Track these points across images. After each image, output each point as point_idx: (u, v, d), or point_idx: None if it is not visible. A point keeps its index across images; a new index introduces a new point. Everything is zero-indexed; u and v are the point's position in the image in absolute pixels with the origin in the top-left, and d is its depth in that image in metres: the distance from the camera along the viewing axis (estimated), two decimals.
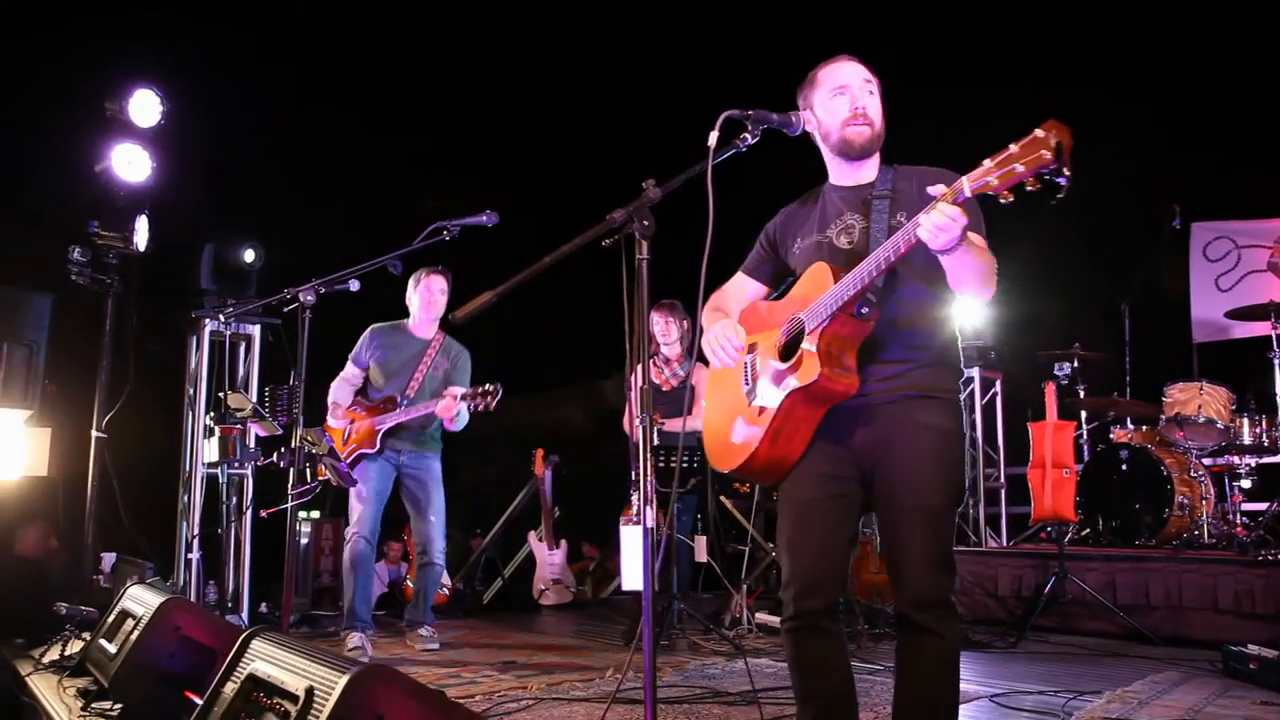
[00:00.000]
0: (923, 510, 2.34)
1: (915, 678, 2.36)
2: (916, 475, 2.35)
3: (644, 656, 1.95)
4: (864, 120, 2.47)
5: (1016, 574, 5.78)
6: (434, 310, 5.23)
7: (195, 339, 6.12)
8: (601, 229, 2.15)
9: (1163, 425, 5.95)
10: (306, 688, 1.97)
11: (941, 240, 2.08)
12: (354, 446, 5.10)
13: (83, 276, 5.22)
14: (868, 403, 2.39)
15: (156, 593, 3.16)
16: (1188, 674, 4.25)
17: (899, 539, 2.37)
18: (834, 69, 2.51)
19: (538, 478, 7.24)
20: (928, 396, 2.41)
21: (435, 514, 5.14)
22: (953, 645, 2.34)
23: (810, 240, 2.57)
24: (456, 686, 3.99)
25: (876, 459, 2.40)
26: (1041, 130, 1.89)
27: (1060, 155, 1.86)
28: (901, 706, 2.38)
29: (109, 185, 5.28)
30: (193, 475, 5.90)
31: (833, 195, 2.59)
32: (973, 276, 2.28)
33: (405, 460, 5.15)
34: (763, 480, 2.57)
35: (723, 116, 2.28)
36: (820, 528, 2.44)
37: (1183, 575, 5.13)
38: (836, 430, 2.42)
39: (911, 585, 2.33)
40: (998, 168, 1.95)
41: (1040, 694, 3.82)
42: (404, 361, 5.22)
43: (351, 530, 5.03)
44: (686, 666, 4.47)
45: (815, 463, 2.45)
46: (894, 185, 2.48)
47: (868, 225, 2.44)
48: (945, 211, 2.05)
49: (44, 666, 3.91)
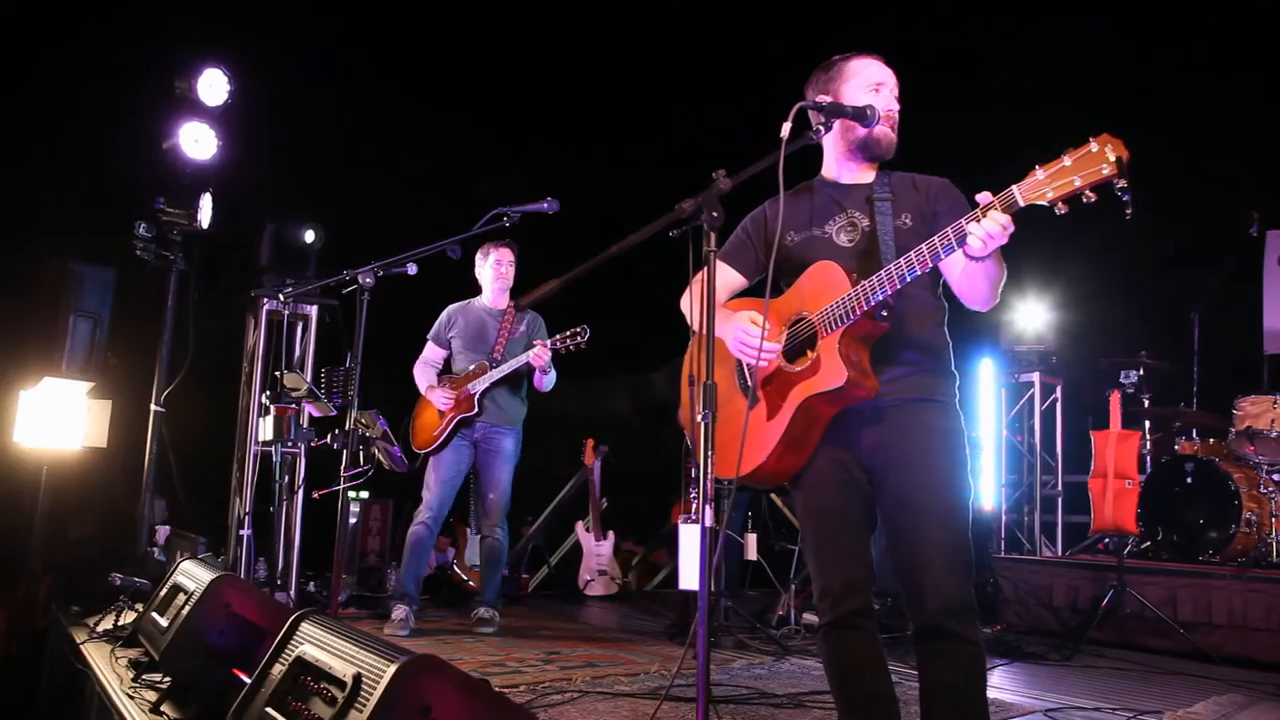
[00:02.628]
0: (945, 513, 2.30)
1: (948, 688, 2.28)
2: (934, 478, 2.32)
3: (698, 657, 1.90)
4: (893, 125, 2.46)
5: (1073, 585, 5.64)
6: (505, 281, 5.41)
7: (254, 318, 6.18)
8: (670, 219, 2.11)
9: (1233, 438, 5.77)
10: (354, 674, 1.95)
11: (990, 248, 2.07)
12: (452, 414, 5.20)
13: (147, 252, 5.30)
14: (875, 405, 2.35)
15: (208, 569, 3.18)
16: (1253, 698, 4.10)
17: (920, 542, 2.30)
18: (868, 63, 2.48)
19: (587, 467, 7.22)
20: (932, 400, 2.39)
21: (494, 490, 5.21)
22: (982, 651, 2.30)
23: (804, 235, 2.52)
24: (500, 676, 3.97)
25: (888, 461, 2.36)
26: (1096, 143, 1.88)
27: (1123, 170, 1.85)
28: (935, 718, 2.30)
29: (175, 163, 5.35)
30: (246, 453, 5.96)
31: (827, 191, 2.55)
32: (988, 285, 2.28)
33: (479, 436, 5.26)
34: (765, 485, 2.54)
35: (796, 107, 2.24)
36: (845, 536, 2.42)
37: (1249, 594, 4.97)
38: (844, 434, 2.39)
39: (938, 590, 2.26)
40: (1051, 180, 1.93)
41: (1096, 710, 3.71)
42: (484, 332, 5.37)
43: (418, 512, 5.19)
44: (732, 665, 4.42)
45: (828, 470, 2.41)
46: (892, 187, 2.47)
47: (873, 225, 2.42)
48: (998, 220, 2.03)
49: (98, 636, 3.98)
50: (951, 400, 2.44)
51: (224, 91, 5.42)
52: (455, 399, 5.21)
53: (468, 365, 5.32)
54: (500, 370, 5.17)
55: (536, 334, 5.37)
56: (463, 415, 5.20)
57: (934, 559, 2.27)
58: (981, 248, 2.06)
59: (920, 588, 2.28)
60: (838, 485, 2.41)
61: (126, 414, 5.67)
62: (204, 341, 5.57)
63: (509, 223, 4.08)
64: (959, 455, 2.38)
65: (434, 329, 5.48)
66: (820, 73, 2.53)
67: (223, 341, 6.18)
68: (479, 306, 5.46)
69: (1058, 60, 7.10)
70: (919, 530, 2.30)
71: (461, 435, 5.24)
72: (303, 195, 6.42)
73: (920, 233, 2.28)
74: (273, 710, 2.15)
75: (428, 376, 5.41)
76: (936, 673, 2.30)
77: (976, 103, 7.06)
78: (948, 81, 6.69)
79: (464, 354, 5.37)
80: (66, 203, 5.91)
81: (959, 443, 2.39)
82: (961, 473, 2.36)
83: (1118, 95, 6.81)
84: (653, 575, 7.87)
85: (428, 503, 5.18)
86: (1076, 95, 6.81)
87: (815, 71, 2.54)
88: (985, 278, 2.25)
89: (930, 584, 2.27)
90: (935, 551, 2.28)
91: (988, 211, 2.04)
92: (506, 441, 5.28)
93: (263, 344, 6.10)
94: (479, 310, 5.45)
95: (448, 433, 5.21)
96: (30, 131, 6.02)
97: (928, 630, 2.29)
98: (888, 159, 2.49)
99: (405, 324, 5.52)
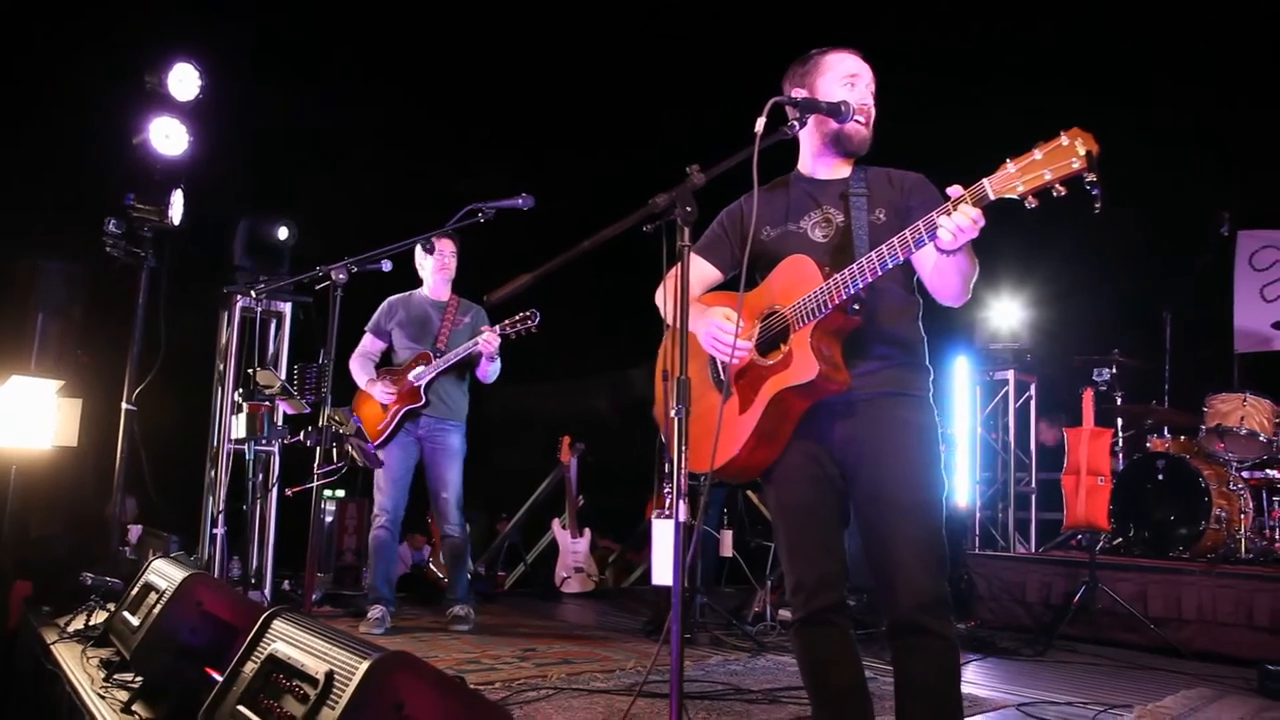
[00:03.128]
0: (916, 507, 2.30)
1: (923, 682, 2.29)
2: (906, 473, 2.32)
3: (672, 652, 1.90)
4: (866, 119, 2.45)
5: (1045, 581, 5.69)
6: (448, 272, 5.33)
7: (226, 315, 6.13)
8: (644, 214, 2.10)
9: (1203, 436, 5.82)
10: (327, 671, 1.94)
11: (959, 241, 2.06)
12: (397, 407, 5.10)
13: (117, 249, 5.24)
14: (847, 399, 2.35)
15: (180, 567, 3.15)
16: (1221, 691, 4.15)
17: (893, 537, 2.30)
18: (843, 57, 2.48)
19: (564, 464, 7.21)
20: (905, 394, 2.39)
21: (446, 489, 5.13)
22: (955, 646, 2.30)
23: (779, 230, 2.52)
24: (476, 673, 3.96)
25: (860, 455, 2.36)
26: (1066, 137, 1.89)
27: (1092, 164, 1.85)
28: (909, 713, 2.30)
29: (146, 158, 5.29)
30: (220, 451, 5.91)
31: (803, 186, 2.55)
32: (960, 280, 2.28)
33: (424, 432, 5.15)
34: (739, 479, 2.53)
35: (770, 102, 2.23)
36: (817, 532, 2.41)
37: (1218, 589, 5.03)
38: (816, 428, 2.39)
39: (912, 586, 2.26)
40: (1021, 173, 1.94)
41: (1069, 704, 3.74)
42: (427, 323, 5.26)
43: (375, 516, 5.11)
44: (708, 661, 4.42)
45: (800, 465, 2.42)
46: (868, 183, 2.47)
47: (848, 220, 2.42)
48: (968, 214, 2.03)
49: (69, 636, 3.94)
50: (925, 395, 2.44)
51: (195, 86, 5.36)
52: (398, 391, 5.11)
53: (409, 356, 5.22)
54: (447, 359, 5.07)
55: (480, 326, 5.23)
56: (409, 407, 5.09)
57: (906, 555, 2.27)
58: (952, 240, 2.05)
59: (894, 584, 2.28)
60: (810, 480, 2.41)
61: (97, 412, 5.61)
62: (176, 339, 5.52)
63: (483, 219, 4.05)
64: (932, 450, 2.38)
65: (373, 320, 5.34)
66: (797, 66, 2.53)
67: (195, 339, 6.12)
68: (421, 298, 5.35)
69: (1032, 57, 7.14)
70: (891, 526, 2.30)
71: (406, 430, 5.13)
72: (276, 191, 6.38)
73: (894, 228, 2.27)
74: (245, 708, 2.13)
75: (366, 369, 5.26)
76: (910, 668, 2.30)
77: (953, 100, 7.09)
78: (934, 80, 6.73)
79: (406, 346, 5.25)
80: (36, 200, 5.85)
81: (932, 438, 2.40)
82: (934, 468, 2.37)
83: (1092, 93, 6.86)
84: (629, 572, 7.87)
85: (382, 505, 5.09)
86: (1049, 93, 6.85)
87: (792, 65, 2.54)
88: (957, 272, 2.25)
89: (903, 580, 2.27)
90: (907, 548, 2.28)
91: (958, 205, 2.04)
92: (453, 438, 5.19)
93: (235, 341, 6.05)
94: (421, 301, 5.34)
95: (393, 427, 5.10)
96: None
97: (901, 626, 2.29)
98: (862, 154, 2.49)
99: None
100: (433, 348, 5.18)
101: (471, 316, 5.32)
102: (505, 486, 7.86)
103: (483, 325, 5.17)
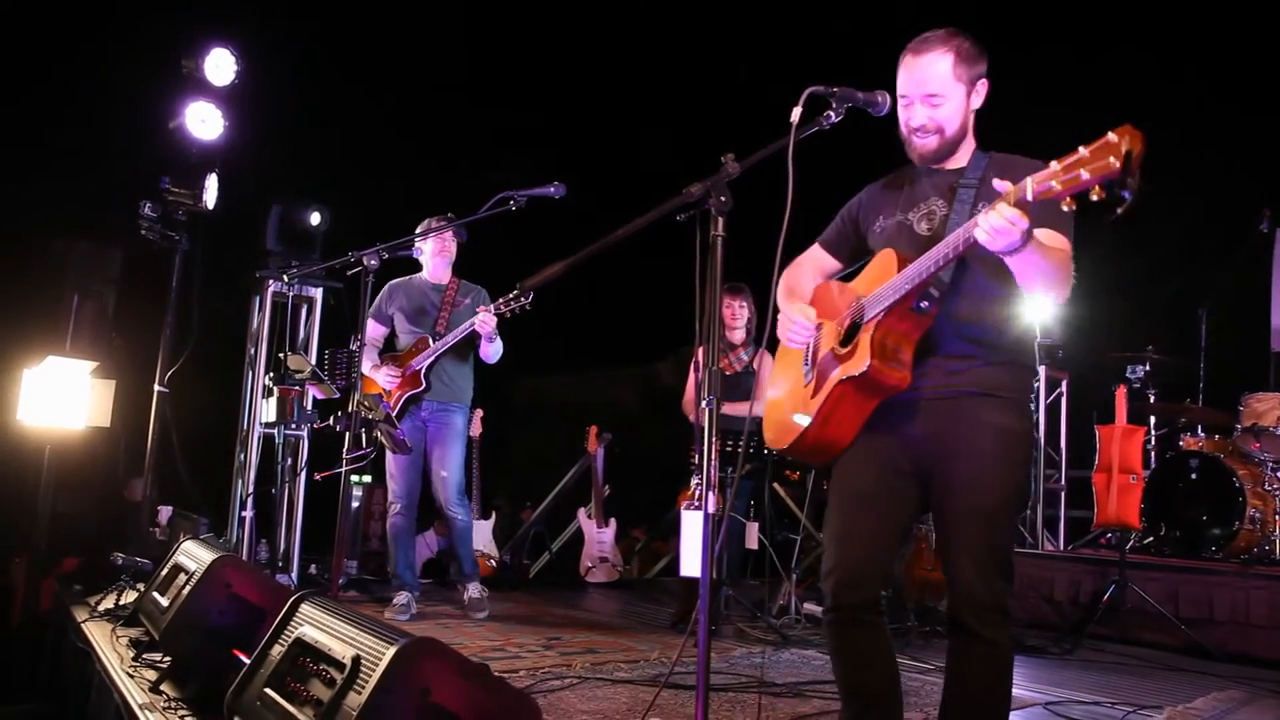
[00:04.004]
0: (979, 513, 2.26)
1: (964, 683, 2.30)
2: (975, 476, 2.27)
3: (699, 645, 1.89)
4: (924, 132, 2.37)
5: (1074, 579, 5.62)
6: (447, 255, 5.32)
7: (258, 299, 6.17)
8: (677, 203, 2.08)
9: (1238, 435, 5.74)
10: (353, 656, 1.95)
11: (1000, 243, 1.98)
12: (399, 392, 5.14)
13: (152, 232, 5.28)
14: (926, 397, 2.32)
15: (209, 549, 3.18)
16: (1254, 694, 4.09)
17: (953, 541, 2.29)
18: (907, 67, 2.37)
19: (590, 454, 7.21)
20: (991, 395, 2.31)
21: (446, 469, 5.15)
22: (1004, 653, 2.27)
23: (892, 221, 2.49)
24: (501, 661, 3.97)
25: (936, 455, 2.32)
26: (1114, 135, 1.76)
27: (1128, 165, 1.72)
28: (950, 711, 2.32)
29: (181, 142, 5.33)
30: (250, 434, 5.96)
31: (924, 177, 2.48)
32: (1038, 279, 2.16)
33: (427, 414, 5.19)
34: (813, 461, 2.53)
35: (807, 92, 2.20)
36: (870, 521, 2.38)
37: (1251, 591, 4.95)
38: (894, 423, 2.35)
39: (964, 589, 2.26)
40: (1064, 172, 1.83)
41: (1096, 704, 3.70)
42: (427, 307, 5.28)
43: (390, 504, 5.18)
44: (732, 654, 4.41)
45: (870, 454, 2.39)
46: (984, 174, 2.36)
47: (949, 213, 2.35)
48: (1004, 214, 1.94)
49: (99, 615, 3.99)
50: (1015, 396, 2.36)
51: (231, 71, 5.39)
52: (400, 376, 5.14)
53: (410, 340, 5.26)
54: (445, 342, 5.10)
55: (480, 306, 5.20)
56: (411, 392, 5.13)
57: (963, 559, 2.26)
58: (989, 240, 1.98)
59: (952, 583, 2.29)
60: (877, 470, 2.38)
61: (130, 394, 5.67)
62: (208, 322, 5.57)
63: (515, 206, 4.05)
64: (1012, 455, 2.31)
65: (374, 305, 5.30)
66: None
67: (227, 323, 6.18)
68: (421, 281, 5.36)
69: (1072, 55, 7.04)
70: (953, 529, 2.30)
71: (411, 414, 5.17)
72: (309, 177, 6.40)
73: None
74: (271, 691, 2.15)
75: (370, 356, 5.27)
76: (959, 669, 2.30)
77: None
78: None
79: (407, 331, 5.28)
80: (72, 182, 5.90)
81: (1015, 442, 2.32)
82: (1010, 475, 2.30)
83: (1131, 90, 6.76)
84: (655, 563, 7.87)
85: (395, 493, 5.16)
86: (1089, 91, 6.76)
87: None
88: (1031, 271, 2.13)
89: (958, 582, 2.27)
90: (966, 553, 2.26)
91: (997, 204, 1.97)
92: (456, 418, 5.22)
93: (267, 325, 6.09)
94: (421, 285, 5.35)
95: (396, 412, 5.14)
96: (37, 110, 6.00)
97: (953, 625, 2.29)
98: (942, 160, 2.40)
99: None
100: (432, 331, 5.20)
101: (471, 298, 5.32)
102: (531, 476, 7.87)
103: (482, 305, 5.16)
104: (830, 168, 3.06)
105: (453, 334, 5.09)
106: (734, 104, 7.32)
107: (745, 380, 5.45)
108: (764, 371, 5.69)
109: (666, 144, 7.88)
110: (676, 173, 2.27)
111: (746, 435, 2.24)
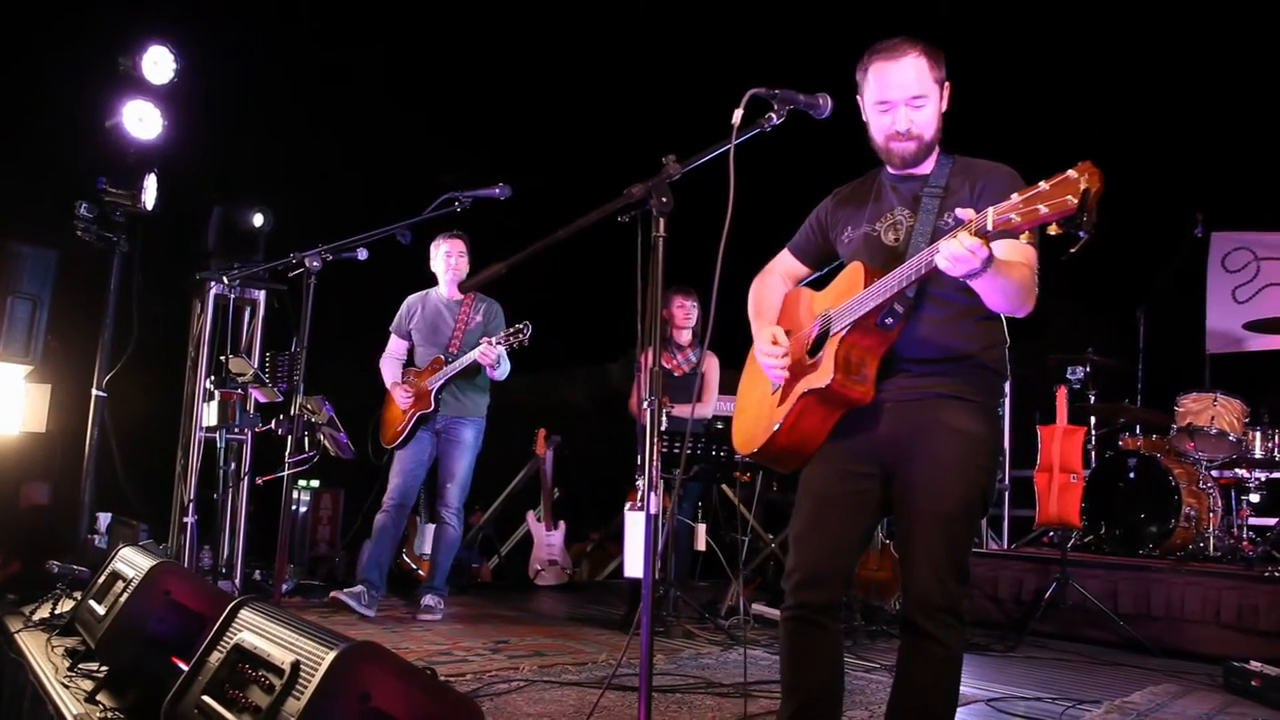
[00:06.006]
0: (938, 516, 2.28)
1: (913, 682, 2.32)
2: (936, 479, 2.29)
3: (641, 644, 1.89)
4: (906, 137, 2.36)
5: (1017, 577, 5.72)
6: (456, 273, 5.47)
7: (199, 301, 6.05)
8: (619, 204, 2.09)
9: (1173, 435, 5.87)
10: (293, 662, 1.92)
11: (960, 269, 1.97)
12: (412, 411, 5.33)
13: (89, 233, 5.19)
14: (893, 400, 2.34)
15: (148, 556, 3.11)
16: (1188, 687, 4.20)
17: (912, 542, 2.31)
18: (883, 72, 2.34)
19: (539, 457, 7.18)
20: (958, 398, 2.32)
21: (451, 479, 5.33)
22: (954, 655, 2.29)
23: (859, 232, 2.48)
24: (447, 665, 3.94)
25: (899, 457, 2.34)
26: (1074, 171, 1.75)
27: (1085, 203, 1.72)
28: (896, 709, 2.34)
29: (119, 142, 5.24)
30: (191, 439, 5.85)
31: (888, 185, 2.48)
32: (1001, 298, 2.17)
33: (440, 426, 5.37)
34: (781, 467, 2.53)
35: (748, 94, 2.21)
36: (833, 524, 2.39)
37: (1186, 587, 5.07)
38: (860, 426, 2.36)
39: (918, 589, 2.28)
40: (1023, 205, 1.83)
41: (1038, 700, 3.77)
42: (441, 324, 5.45)
43: (384, 500, 5.36)
44: (680, 654, 4.42)
45: (837, 457, 2.40)
46: (949, 180, 2.37)
47: (914, 224, 2.36)
48: (964, 243, 1.93)
49: (34, 624, 3.89)
50: (983, 400, 2.35)
51: (170, 69, 5.30)
52: (414, 396, 5.32)
53: (426, 358, 5.43)
54: (451, 369, 5.27)
55: (493, 323, 5.43)
56: (421, 412, 5.31)
57: (920, 561, 2.28)
58: (949, 267, 1.96)
59: (908, 584, 2.31)
60: (840, 474, 2.39)
61: (67, 398, 5.55)
62: (148, 325, 5.47)
63: (460, 208, 4.04)
64: (976, 458, 2.31)
65: (395, 321, 5.57)
66: (859, 64, 2.41)
67: (167, 325, 6.05)
68: (436, 298, 5.53)
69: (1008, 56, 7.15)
70: (912, 530, 2.31)
71: (423, 429, 5.37)
72: (252, 177, 6.30)
73: None
74: (209, 698, 2.11)
75: (393, 371, 5.51)
76: (907, 667, 2.33)
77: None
78: None
79: (422, 347, 5.48)
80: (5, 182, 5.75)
81: (978, 447, 2.32)
82: (974, 476, 2.30)
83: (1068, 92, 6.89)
84: (606, 564, 7.86)
85: (389, 492, 5.36)
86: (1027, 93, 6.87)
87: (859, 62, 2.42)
88: (995, 291, 2.13)
89: (915, 583, 2.28)
90: (922, 554, 2.27)
91: (958, 232, 1.95)
92: (466, 431, 5.37)
93: (208, 328, 5.98)
94: (436, 302, 5.51)
95: (409, 429, 5.34)
96: None
97: (907, 625, 2.32)
98: (918, 164, 2.40)
99: (354, 310, 5.45)
100: (445, 350, 5.38)
101: (483, 314, 5.49)
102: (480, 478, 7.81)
103: (494, 325, 5.38)
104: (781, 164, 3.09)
105: (460, 361, 5.24)
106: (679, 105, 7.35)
107: (694, 381, 5.48)
108: (710, 374, 5.71)
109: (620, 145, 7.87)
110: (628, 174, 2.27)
111: (689, 436, 2.24)
